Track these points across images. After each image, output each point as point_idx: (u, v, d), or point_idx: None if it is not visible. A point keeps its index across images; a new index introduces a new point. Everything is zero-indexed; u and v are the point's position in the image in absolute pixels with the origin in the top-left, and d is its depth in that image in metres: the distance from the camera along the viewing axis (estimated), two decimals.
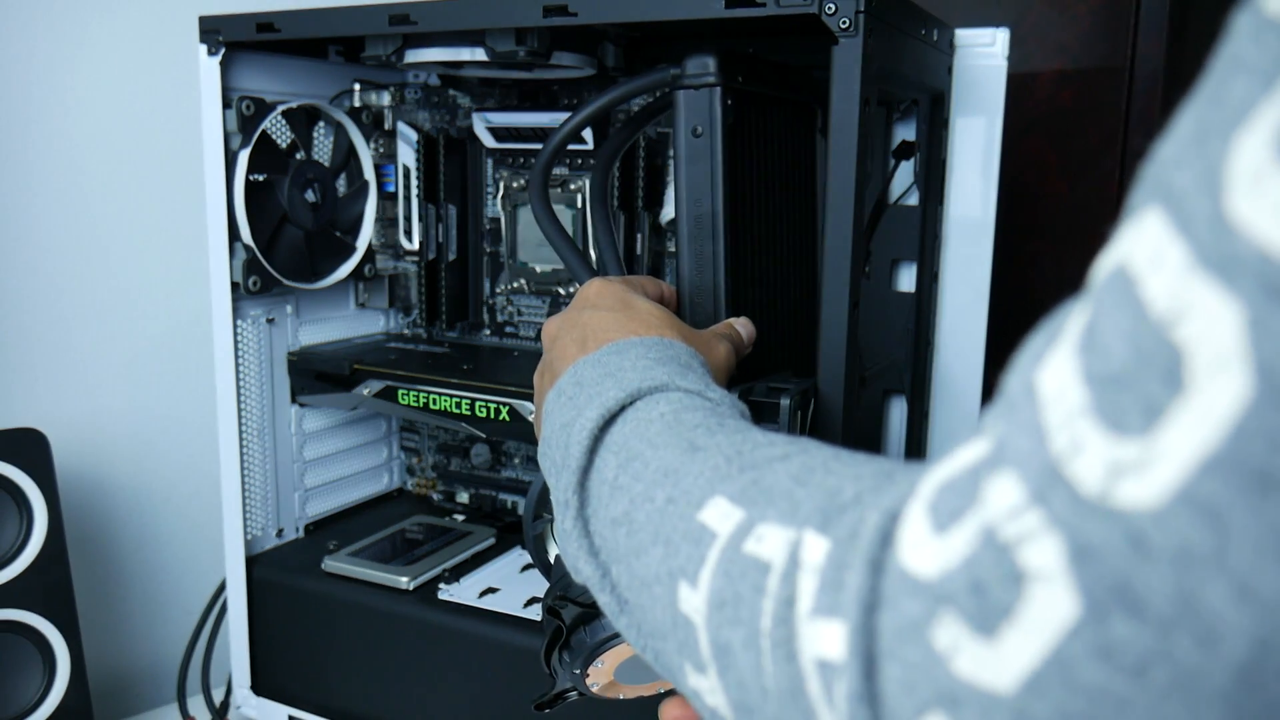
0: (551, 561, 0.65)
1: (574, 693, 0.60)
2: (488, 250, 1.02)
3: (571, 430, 0.44)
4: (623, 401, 0.43)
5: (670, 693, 0.54)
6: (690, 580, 0.34)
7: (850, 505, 0.30)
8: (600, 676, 0.57)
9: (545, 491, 0.64)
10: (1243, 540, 0.20)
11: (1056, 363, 0.23)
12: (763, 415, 0.60)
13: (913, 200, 0.85)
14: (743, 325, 0.62)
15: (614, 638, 0.54)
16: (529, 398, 0.81)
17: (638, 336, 0.49)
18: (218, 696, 0.96)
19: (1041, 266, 1.08)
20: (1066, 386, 0.23)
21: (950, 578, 0.24)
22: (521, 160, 0.98)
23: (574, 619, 0.56)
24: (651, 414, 0.42)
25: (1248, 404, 0.20)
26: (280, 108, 0.88)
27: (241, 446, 0.90)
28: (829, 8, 0.59)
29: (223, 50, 0.82)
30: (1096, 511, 0.22)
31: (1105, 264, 0.23)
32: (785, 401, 0.59)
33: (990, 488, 0.24)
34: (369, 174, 0.98)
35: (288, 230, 0.91)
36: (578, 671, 0.57)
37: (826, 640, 0.27)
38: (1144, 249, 0.22)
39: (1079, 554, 0.22)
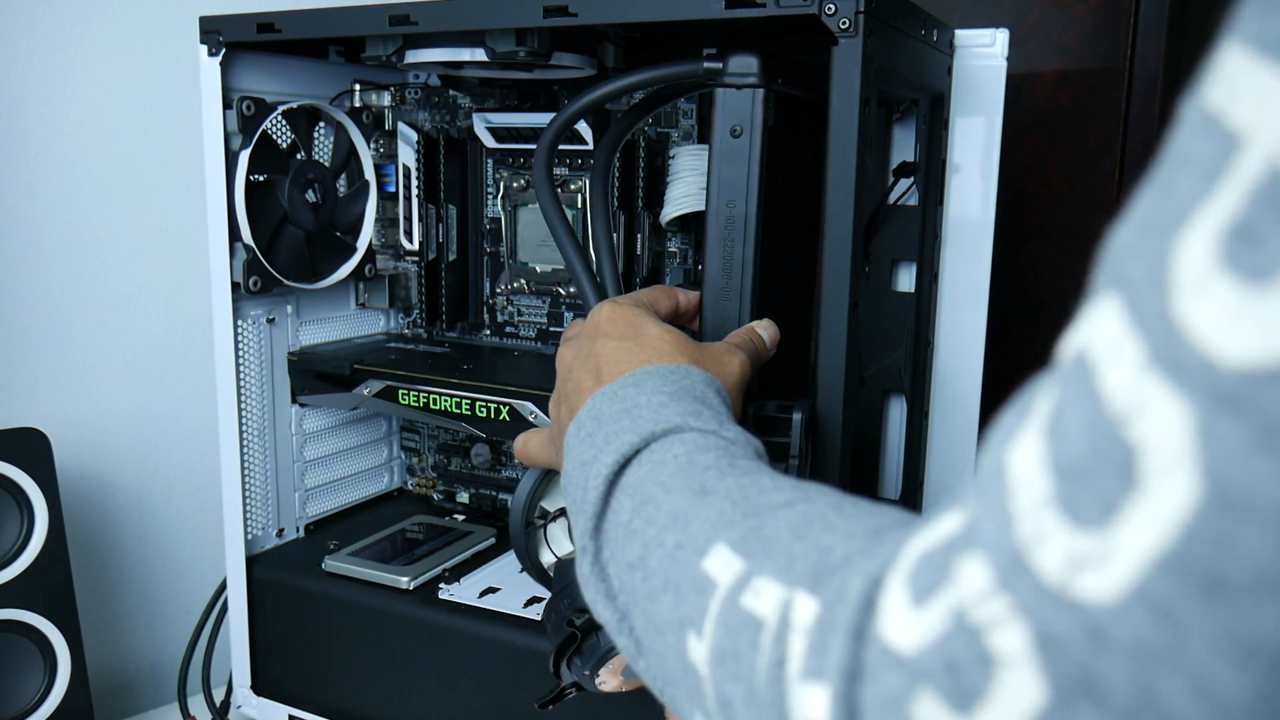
0: (546, 567, 0.65)
1: (574, 689, 0.60)
2: (488, 250, 1.02)
3: (589, 471, 0.44)
4: (637, 446, 0.43)
5: None
6: (697, 631, 0.35)
7: (839, 566, 0.31)
8: (610, 676, 0.58)
9: (535, 495, 0.64)
10: (1196, 640, 0.20)
11: (1025, 446, 0.24)
12: (775, 430, 0.59)
13: (913, 200, 0.86)
14: (765, 329, 0.61)
15: None
16: (529, 398, 0.81)
17: (652, 365, 0.49)
18: (218, 696, 0.96)
19: (1041, 266, 1.08)
20: (1032, 473, 0.23)
21: (927, 655, 0.25)
22: (521, 160, 0.98)
23: (585, 624, 0.57)
24: (665, 456, 0.42)
25: (1195, 508, 0.20)
26: (281, 108, 0.88)
27: (242, 446, 0.90)
28: (829, 8, 0.59)
29: (223, 50, 0.82)
30: (1058, 602, 0.22)
31: (1070, 345, 0.24)
32: (798, 416, 0.59)
33: (961, 568, 0.25)
34: (369, 174, 0.98)
35: (288, 230, 0.91)
36: (587, 673, 0.58)
37: (813, 704, 0.28)
38: (1103, 339, 0.22)
39: (1044, 642, 0.22)
